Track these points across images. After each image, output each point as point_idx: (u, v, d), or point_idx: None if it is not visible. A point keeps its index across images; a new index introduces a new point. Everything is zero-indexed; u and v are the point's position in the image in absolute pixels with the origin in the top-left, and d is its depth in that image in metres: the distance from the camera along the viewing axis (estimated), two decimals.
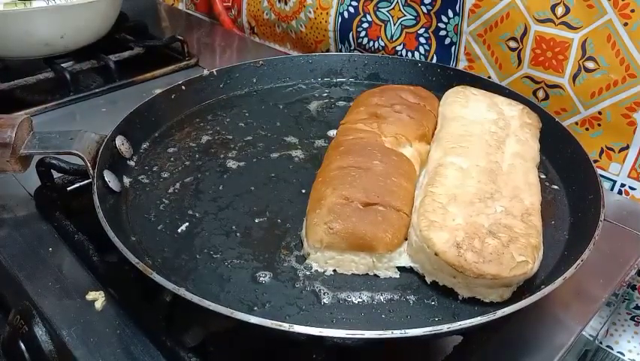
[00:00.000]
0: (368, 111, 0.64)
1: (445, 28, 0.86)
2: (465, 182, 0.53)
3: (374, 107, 0.65)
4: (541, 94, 0.78)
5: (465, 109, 0.64)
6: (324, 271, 0.51)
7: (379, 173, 0.54)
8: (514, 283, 0.46)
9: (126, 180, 0.62)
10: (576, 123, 0.75)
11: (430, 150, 0.61)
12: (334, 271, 0.51)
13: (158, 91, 0.74)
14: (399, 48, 0.92)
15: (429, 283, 0.49)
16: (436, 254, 0.46)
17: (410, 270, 0.51)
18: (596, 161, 0.75)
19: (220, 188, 0.62)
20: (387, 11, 0.92)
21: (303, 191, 0.60)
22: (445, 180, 0.53)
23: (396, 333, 0.41)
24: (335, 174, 0.54)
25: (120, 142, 0.63)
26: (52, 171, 0.65)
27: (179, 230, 0.54)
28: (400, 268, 0.51)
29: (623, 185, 0.74)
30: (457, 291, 0.48)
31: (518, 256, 0.46)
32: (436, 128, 0.65)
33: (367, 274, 0.51)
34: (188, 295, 0.43)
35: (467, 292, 0.48)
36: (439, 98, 0.70)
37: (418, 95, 0.68)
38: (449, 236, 0.47)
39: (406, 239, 0.51)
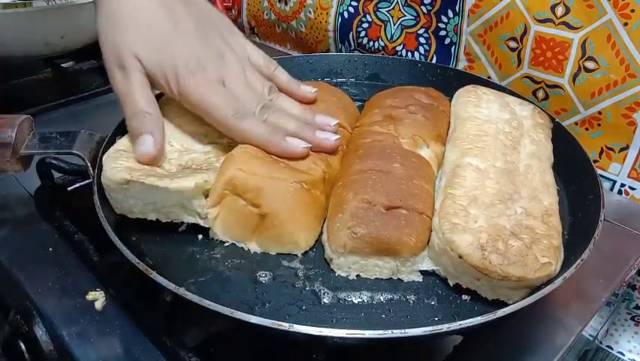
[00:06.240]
0: (383, 113, 0.64)
1: (444, 28, 0.86)
2: (484, 183, 0.52)
3: (389, 108, 0.64)
4: (541, 94, 0.78)
5: (478, 109, 0.63)
6: (324, 271, 0.51)
7: (400, 176, 0.53)
8: (537, 285, 0.46)
9: None
10: (576, 123, 0.75)
11: (445, 150, 0.60)
12: (357, 276, 0.50)
13: (157, 91, 0.74)
14: (399, 48, 0.93)
15: (451, 285, 0.49)
16: (460, 257, 0.46)
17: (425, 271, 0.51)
18: (596, 161, 0.75)
19: None
20: (387, 11, 0.92)
21: None
22: (463, 181, 0.52)
23: (396, 333, 0.41)
24: (355, 177, 0.54)
25: None
26: (52, 171, 0.65)
27: (180, 230, 0.54)
28: (422, 271, 0.51)
29: (623, 185, 0.74)
30: (481, 293, 0.48)
31: (542, 257, 0.46)
32: (449, 129, 0.64)
33: None
34: (188, 295, 0.43)
35: (491, 294, 0.47)
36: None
37: (429, 95, 0.68)
38: (472, 238, 0.46)
39: (429, 242, 0.51)
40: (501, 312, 0.43)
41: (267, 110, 0.56)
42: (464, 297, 0.48)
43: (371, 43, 0.95)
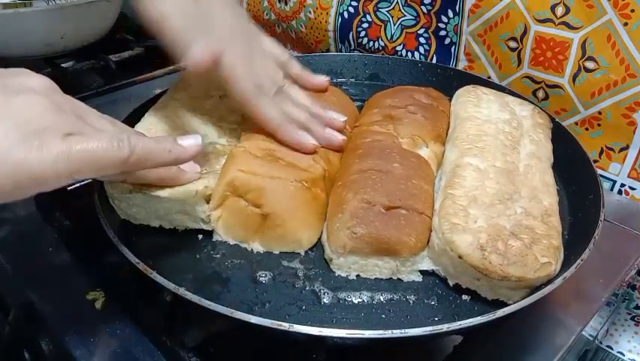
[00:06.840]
0: (382, 113, 0.64)
1: (444, 28, 0.86)
2: (484, 183, 0.52)
3: (388, 108, 0.64)
4: (541, 94, 0.78)
5: (478, 109, 0.63)
6: (324, 271, 0.51)
7: (400, 176, 0.53)
8: (536, 285, 0.46)
9: None
10: (576, 123, 0.75)
11: (445, 150, 0.60)
12: (357, 276, 0.50)
13: (158, 91, 0.74)
14: (399, 48, 0.92)
15: (451, 285, 0.49)
16: (460, 257, 0.46)
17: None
18: (596, 161, 0.75)
19: None
20: (387, 11, 0.92)
21: None
22: (463, 181, 0.52)
23: (396, 333, 0.41)
24: (355, 177, 0.54)
25: None
26: None
27: (180, 230, 0.54)
28: (422, 271, 0.51)
29: (623, 185, 0.74)
30: (481, 293, 0.48)
31: (541, 257, 0.46)
32: (448, 129, 0.64)
33: None
34: (188, 295, 0.43)
35: (491, 294, 0.47)
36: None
37: (429, 95, 0.68)
38: (472, 238, 0.46)
39: (428, 242, 0.51)
40: (501, 312, 0.43)
41: (280, 95, 0.58)
42: (464, 297, 0.48)
43: (371, 43, 0.95)
